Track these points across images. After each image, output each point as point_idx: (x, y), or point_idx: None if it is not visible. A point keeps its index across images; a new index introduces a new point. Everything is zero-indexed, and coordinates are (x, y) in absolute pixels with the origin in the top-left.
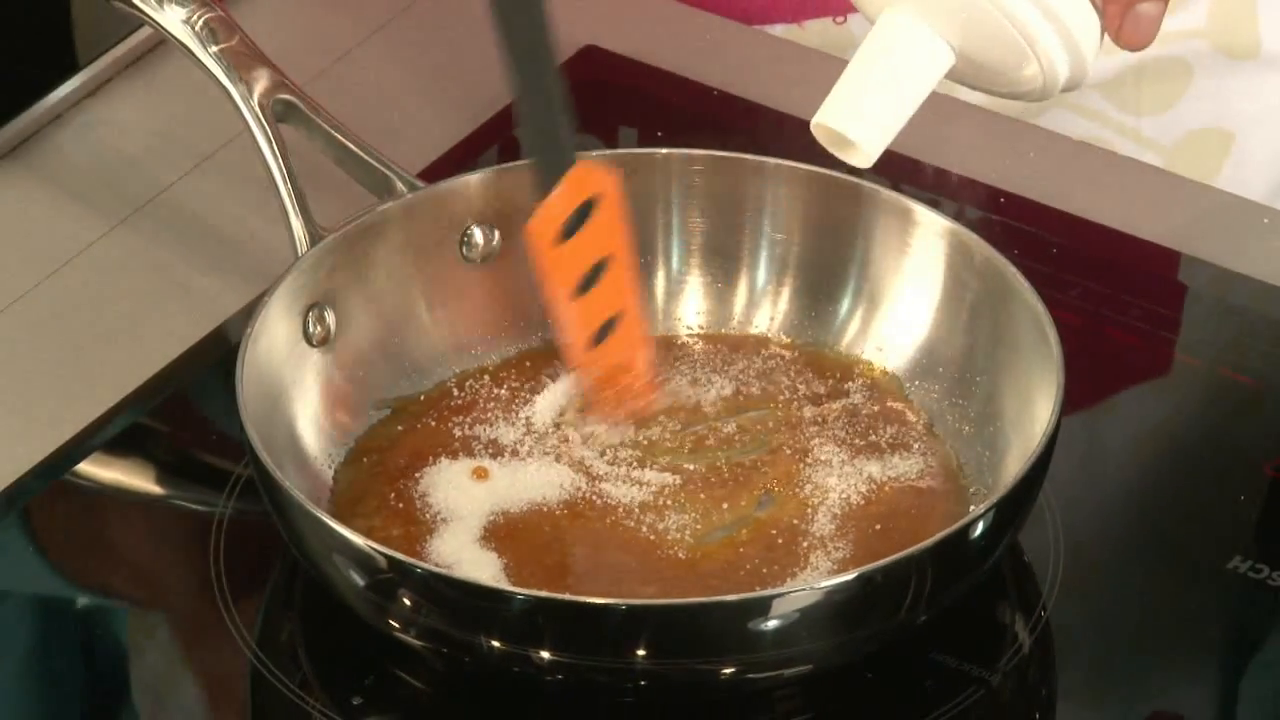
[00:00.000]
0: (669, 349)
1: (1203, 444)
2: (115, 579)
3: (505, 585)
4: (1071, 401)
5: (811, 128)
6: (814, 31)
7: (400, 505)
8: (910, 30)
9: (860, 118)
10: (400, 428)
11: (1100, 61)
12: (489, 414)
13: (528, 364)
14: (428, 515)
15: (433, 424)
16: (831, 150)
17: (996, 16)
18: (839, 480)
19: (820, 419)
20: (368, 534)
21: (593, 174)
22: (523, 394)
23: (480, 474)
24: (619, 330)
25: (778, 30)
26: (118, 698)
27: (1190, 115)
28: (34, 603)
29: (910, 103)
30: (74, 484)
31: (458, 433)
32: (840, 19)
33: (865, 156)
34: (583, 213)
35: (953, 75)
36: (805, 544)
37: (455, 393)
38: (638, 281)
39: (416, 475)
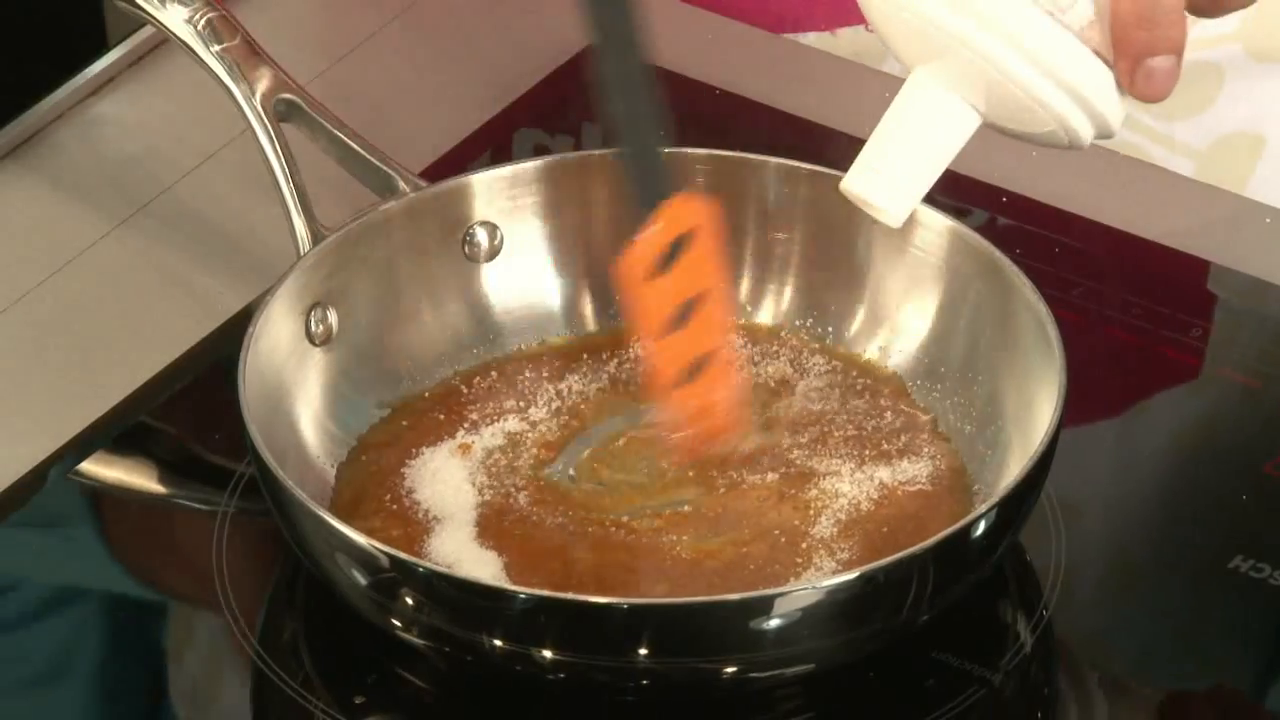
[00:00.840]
0: None
1: (1204, 443)
2: (117, 578)
3: (507, 584)
4: (1073, 402)
5: (840, 189)
6: (846, 39)
7: (401, 504)
8: (935, 94)
9: (886, 184)
10: (402, 427)
11: None
12: (491, 413)
13: (529, 363)
14: (428, 514)
15: (434, 423)
16: (862, 208)
17: (1010, 86)
18: (843, 481)
19: (824, 419)
20: (369, 533)
21: (691, 207)
22: (525, 393)
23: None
24: (710, 369)
25: (810, 39)
26: (119, 696)
27: (1222, 119)
28: (35, 601)
29: (936, 166)
30: (77, 483)
31: (459, 432)
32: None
33: (893, 219)
34: (676, 246)
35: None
36: (809, 545)
37: (457, 392)
38: (730, 319)
39: (418, 474)
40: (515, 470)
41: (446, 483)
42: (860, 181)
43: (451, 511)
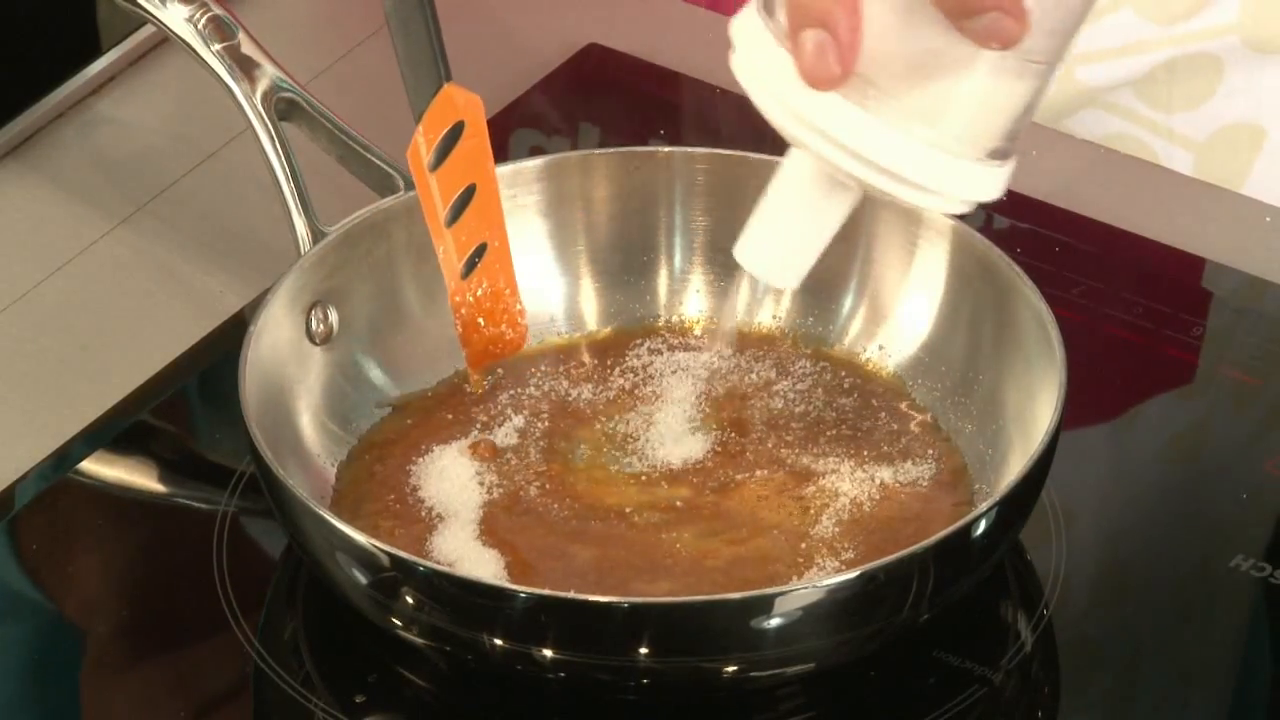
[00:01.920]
0: (671, 346)
1: (1204, 442)
2: (118, 577)
3: (507, 583)
4: (1073, 400)
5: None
6: None
7: (402, 503)
8: (813, 171)
9: (771, 261)
10: (402, 426)
11: (1132, 59)
12: (499, 412)
13: (531, 362)
14: (429, 513)
15: (443, 422)
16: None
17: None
18: (844, 480)
19: (826, 419)
20: (370, 532)
21: (456, 97)
22: (529, 392)
23: (483, 452)
24: (487, 257)
25: None
26: (120, 695)
27: (1221, 111)
28: (36, 600)
29: (823, 236)
30: (77, 482)
31: (459, 431)
32: None
33: (786, 285)
34: (451, 139)
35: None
36: (809, 544)
37: (461, 390)
38: (501, 209)
39: (418, 473)
40: (521, 468)
41: (453, 481)
42: (748, 257)
43: (455, 510)
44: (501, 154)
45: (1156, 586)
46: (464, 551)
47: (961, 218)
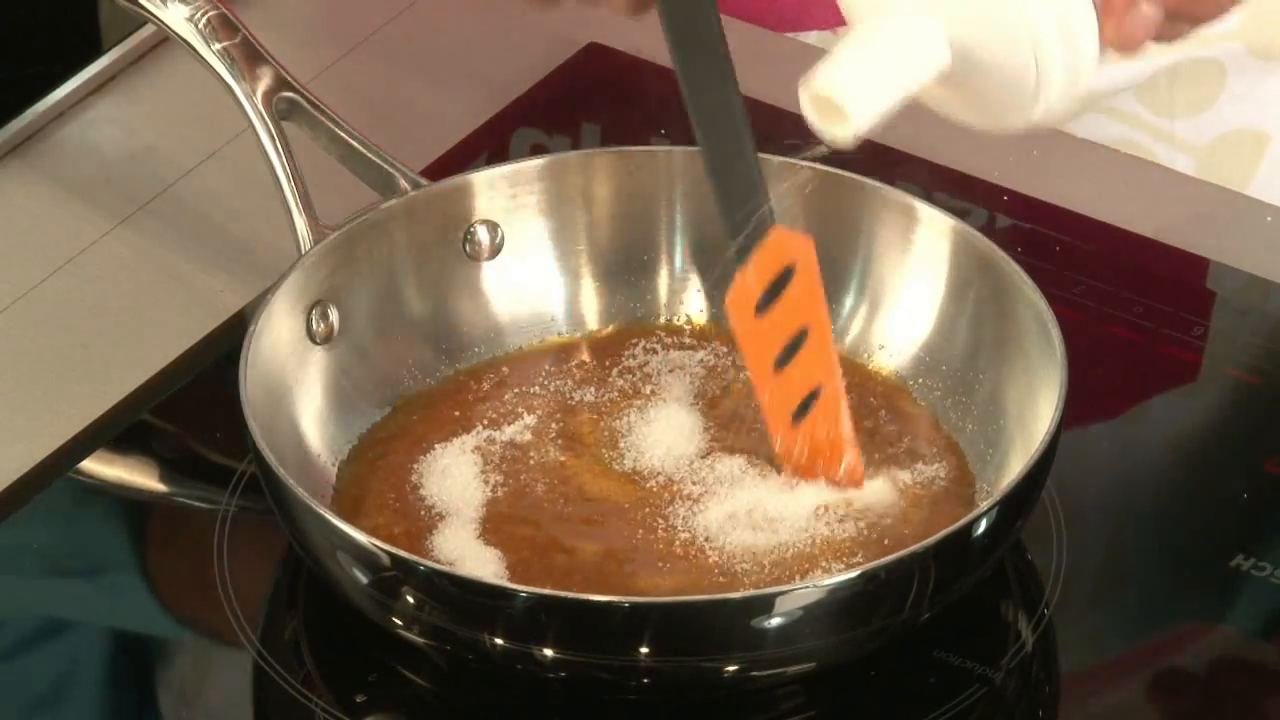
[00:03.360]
0: (670, 345)
1: (1205, 441)
2: (118, 577)
3: (507, 583)
4: (1074, 400)
5: (800, 93)
6: None
7: (403, 502)
8: (909, 19)
9: (853, 86)
10: (403, 425)
11: (1134, 64)
12: (504, 411)
13: (533, 361)
14: (430, 512)
15: (435, 420)
16: (815, 123)
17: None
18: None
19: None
20: (371, 531)
21: (788, 241)
22: (532, 391)
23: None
24: (819, 405)
25: (811, 37)
26: (120, 695)
27: (1224, 117)
28: (36, 601)
29: (901, 86)
30: (78, 481)
31: (460, 429)
32: None
33: (852, 128)
34: (780, 283)
35: (947, 92)
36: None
37: (465, 389)
38: (834, 352)
39: (419, 472)
40: (523, 467)
41: (454, 479)
42: (827, 82)
43: (457, 508)
44: (502, 154)
45: (1157, 586)
46: (465, 550)
47: (961, 217)
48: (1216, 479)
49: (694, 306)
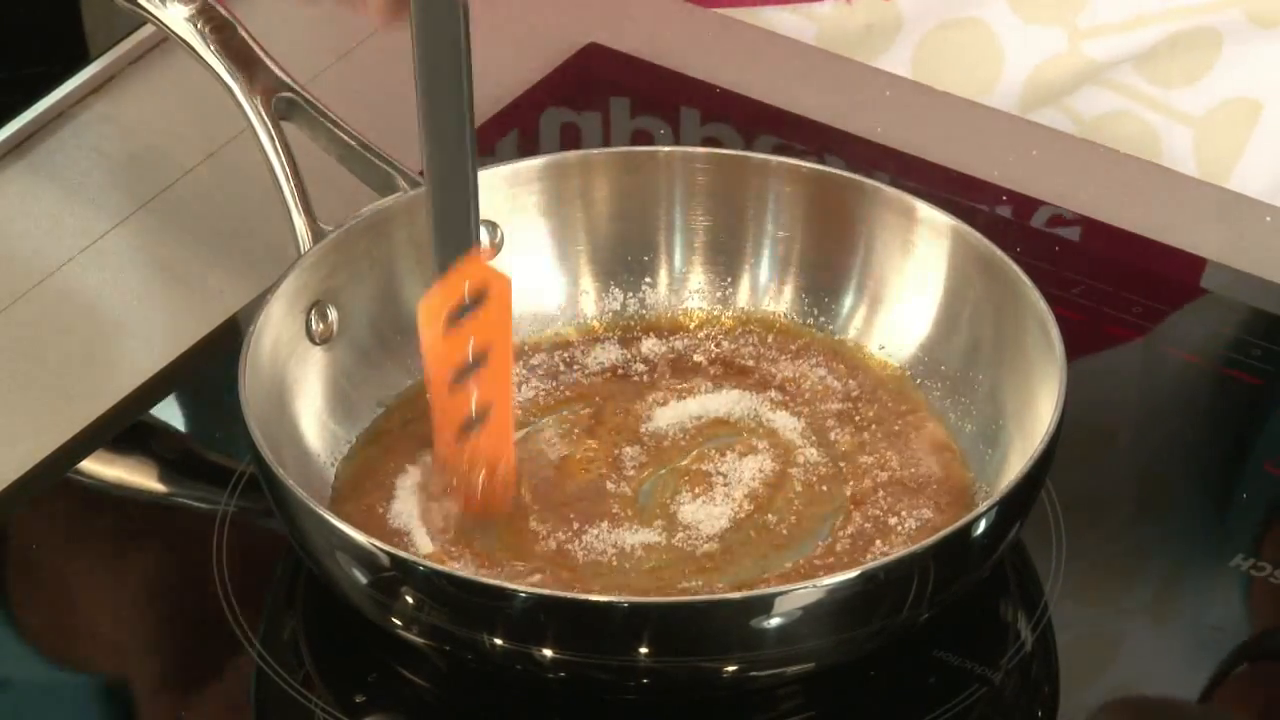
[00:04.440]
0: (671, 345)
1: (1205, 442)
2: (118, 577)
3: (508, 582)
4: (1073, 400)
5: None
6: (862, 8)
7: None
8: None
9: None
10: (403, 423)
11: (1134, 34)
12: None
13: (534, 360)
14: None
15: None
16: None
17: None
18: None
19: (817, 416)
20: (369, 531)
21: (486, 272)
22: (534, 388)
23: None
24: (488, 424)
25: (827, 8)
26: (119, 696)
27: (1219, 85)
28: (36, 601)
29: None
30: (77, 481)
31: None
32: None
33: None
34: (472, 305)
35: None
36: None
37: None
38: (511, 382)
39: (417, 472)
40: (522, 466)
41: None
42: None
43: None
44: (502, 153)
45: (1157, 586)
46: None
47: (960, 216)
48: (1216, 479)
49: (694, 307)
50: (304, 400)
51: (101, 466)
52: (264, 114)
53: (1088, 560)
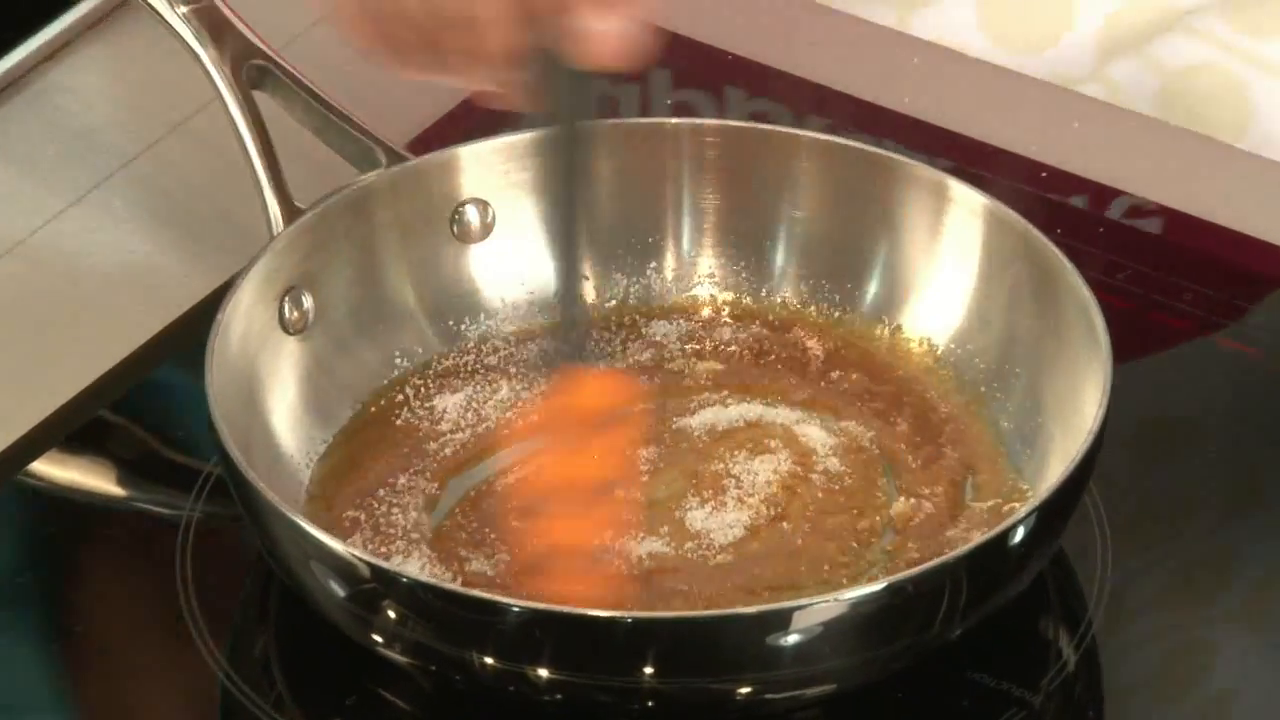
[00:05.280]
0: (678, 330)
1: (1266, 440)
2: (72, 588)
3: (499, 595)
4: (1120, 395)
5: None
6: None
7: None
8: None
9: None
10: (384, 421)
11: None
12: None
13: (526, 351)
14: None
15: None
16: None
17: None
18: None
19: (840, 412)
20: (348, 539)
21: (627, 388)
22: (521, 387)
23: None
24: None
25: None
26: (73, 718)
27: None
28: None
29: None
30: (28, 484)
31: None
32: None
33: None
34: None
35: None
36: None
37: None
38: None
39: (400, 472)
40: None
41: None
42: None
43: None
44: (493, 126)
45: (1215, 600)
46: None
47: (996, 196)
48: (1278, 482)
49: (704, 292)
50: (276, 395)
51: (55, 467)
52: (234, 82)
53: (1136, 571)
